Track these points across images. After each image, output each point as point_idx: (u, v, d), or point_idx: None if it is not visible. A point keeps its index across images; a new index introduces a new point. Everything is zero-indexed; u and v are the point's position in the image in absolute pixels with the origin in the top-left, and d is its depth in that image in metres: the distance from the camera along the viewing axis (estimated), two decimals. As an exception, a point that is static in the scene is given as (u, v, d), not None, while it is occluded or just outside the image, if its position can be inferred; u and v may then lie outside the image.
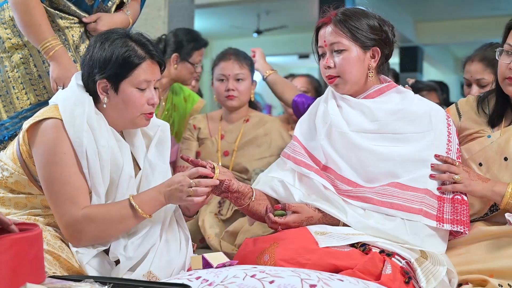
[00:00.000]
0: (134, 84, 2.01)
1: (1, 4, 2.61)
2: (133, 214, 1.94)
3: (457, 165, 2.09)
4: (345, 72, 2.18)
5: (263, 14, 12.57)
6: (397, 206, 2.02)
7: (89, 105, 2.00)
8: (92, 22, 2.62)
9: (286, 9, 11.98)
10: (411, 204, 2.02)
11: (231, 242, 2.72)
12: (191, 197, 1.94)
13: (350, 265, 1.82)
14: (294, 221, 2.08)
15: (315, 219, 2.09)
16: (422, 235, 2.01)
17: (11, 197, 2.04)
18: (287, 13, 12.39)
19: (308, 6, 11.59)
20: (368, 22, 2.19)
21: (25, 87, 2.57)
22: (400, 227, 2.00)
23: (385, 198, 2.04)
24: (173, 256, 2.00)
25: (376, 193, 2.06)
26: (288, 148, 2.33)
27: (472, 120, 2.30)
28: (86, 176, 1.96)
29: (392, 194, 2.05)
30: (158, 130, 2.18)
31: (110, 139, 2.02)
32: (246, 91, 3.13)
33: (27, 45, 2.56)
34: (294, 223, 2.08)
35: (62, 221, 1.93)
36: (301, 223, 2.08)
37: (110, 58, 1.99)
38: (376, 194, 2.06)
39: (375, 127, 2.17)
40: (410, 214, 2.01)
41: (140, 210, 1.93)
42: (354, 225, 2.02)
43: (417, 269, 1.84)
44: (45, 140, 1.95)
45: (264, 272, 1.66)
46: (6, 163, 2.06)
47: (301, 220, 2.08)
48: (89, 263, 1.94)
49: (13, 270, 1.48)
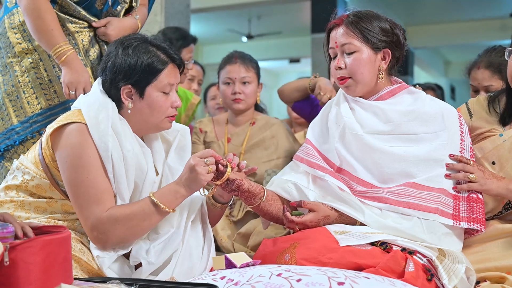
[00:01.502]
0: (159, 88, 2.04)
1: (11, 9, 2.61)
2: (155, 210, 1.96)
3: (471, 164, 2.11)
4: (356, 73, 2.20)
5: (254, 19, 12.63)
6: (413, 206, 2.04)
7: (113, 110, 2.02)
8: (102, 26, 2.63)
9: (277, 13, 12.03)
10: (428, 203, 2.04)
11: (244, 244, 2.73)
12: (211, 172, 1.95)
13: (372, 263, 1.83)
14: (311, 220, 2.08)
15: (332, 218, 2.10)
16: (438, 234, 2.02)
17: (31, 201, 2.05)
18: (278, 18, 12.46)
19: (300, 11, 11.65)
20: (380, 24, 2.21)
21: (36, 91, 2.57)
22: (417, 226, 2.02)
23: (401, 198, 2.06)
24: (195, 262, 2.01)
25: (392, 193, 2.08)
26: (301, 151, 2.33)
27: (483, 119, 2.33)
28: (111, 180, 1.97)
29: (408, 194, 2.06)
30: (177, 135, 2.20)
31: (134, 144, 2.04)
32: (252, 94, 3.15)
33: (37, 50, 2.56)
34: (311, 222, 2.08)
35: (88, 223, 1.94)
36: (318, 222, 2.09)
37: (134, 64, 2.01)
38: (392, 194, 2.08)
39: (389, 128, 2.18)
40: (426, 213, 2.03)
41: (162, 205, 1.95)
42: (371, 225, 2.04)
43: (439, 266, 1.86)
44: (69, 143, 1.96)
45: (290, 271, 1.68)
46: (28, 167, 2.06)
47: (318, 219, 2.09)
48: (109, 267, 1.95)
49: (44, 271, 1.49)
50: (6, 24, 2.60)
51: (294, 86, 3.11)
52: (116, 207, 1.97)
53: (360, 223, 2.08)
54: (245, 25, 12.88)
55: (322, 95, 2.83)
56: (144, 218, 1.95)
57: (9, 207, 2.05)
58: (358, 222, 2.08)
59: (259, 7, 11.18)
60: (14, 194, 2.07)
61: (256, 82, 3.17)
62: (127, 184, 2.00)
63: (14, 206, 2.05)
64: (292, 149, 3.11)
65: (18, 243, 1.47)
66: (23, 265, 1.45)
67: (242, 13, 12.03)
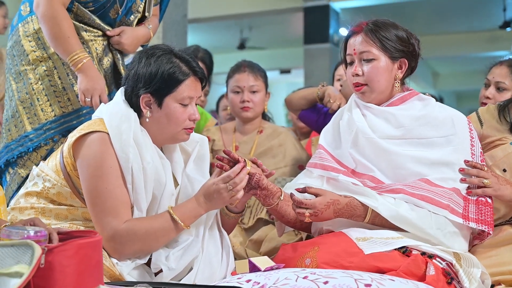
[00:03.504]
0: (177, 99, 2.05)
1: (25, 17, 2.64)
2: (174, 227, 1.99)
3: (486, 170, 2.15)
4: (373, 80, 2.24)
5: (246, 30, 12.69)
6: (427, 199, 2.06)
7: (135, 121, 2.03)
8: (116, 35, 2.66)
9: (269, 24, 12.09)
10: (440, 198, 2.07)
11: (256, 250, 2.75)
12: (234, 196, 1.99)
13: (392, 266, 1.86)
14: (320, 203, 2.06)
15: (342, 204, 2.08)
16: (445, 231, 2.05)
17: (52, 208, 2.06)
18: (270, 29, 12.52)
19: (291, 23, 11.71)
20: (397, 34, 2.25)
21: (50, 99, 2.59)
22: (426, 218, 2.04)
23: (416, 190, 2.08)
24: (215, 269, 2.04)
25: (407, 185, 2.11)
26: (314, 158, 2.37)
27: (493, 127, 2.38)
28: (129, 191, 1.99)
29: (423, 187, 2.09)
30: (197, 145, 2.22)
31: (154, 156, 2.05)
32: (260, 102, 3.18)
33: (51, 58, 2.59)
34: (320, 205, 2.06)
35: (104, 234, 1.94)
36: (328, 207, 2.07)
37: (155, 73, 2.02)
38: (407, 186, 2.10)
39: (400, 133, 2.22)
40: (438, 208, 2.05)
41: (182, 223, 1.98)
42: (383, 212, 2.04)
43: (459, 270, 1.91)
44: (91, 153, 1.97)
45: (316, 274, 1.71)
46: (48, 174, 2.07)
47: (327, 202, 2.07)
48: (129, 273, 1.97)
49: (79, 274, 1.52)
50: (20, 32, 2.63)
51: (301, 95, 3.15)
52: (135, 220, 1.98)
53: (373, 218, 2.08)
54: (236, 36, 12.95)
55: (332, 103, 2.87)
56: (163, 234, 1.98)
57: (30, 214, 2.06)
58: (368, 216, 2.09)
59: (251, 18, 11.24)
60: (34, 200, 2.09)
61: (264, 91, 3.21)
62: (145, 195, 2.01)
63: (35, 212, 2.07)
64: (299, 157, 3.14)
65: (55, 246, 1.50)
66: (59, 267, 1.48)
67: (234, 24, 12.09)
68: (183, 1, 5.72)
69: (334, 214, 2.09)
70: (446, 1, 10.40)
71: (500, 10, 10.76)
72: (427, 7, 10.84)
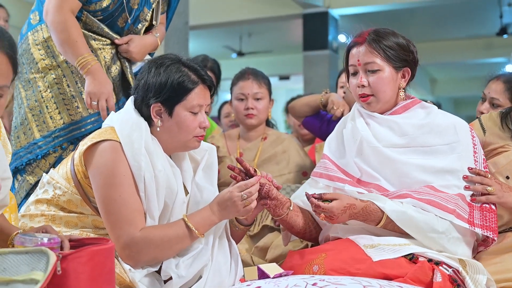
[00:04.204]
0: (187, 108, 2.07)
1: (35, 26, 2.67)
2: (188, 235, 2.00)
3: (489, 178, 2.18)
4: (379, 91, 2.26)
5: (245, 36, 12.73)
6: (434, 203, 2.07)
7: (146, 130, 2.05)
8: (124, 43, 2.68)
9: (268, 31, 12.14)
10: (447, 203, 2.09)
11: (262, 257, 2.76)
12: (248, 206, 2.01)
13: (399, 273, 1.88)
14: (337, 208, 2.06)
15: (358, 208, 2.08)
16: (449, 236, 2.07)
17: (62, 216, 2.07)
18: (269, 36, 12.56)
19: (290, 29, 11.76)
20: (398, 42, 2.27)
21: (59, 106, 2.61)
22: (432, 221, 2.06)
23: (423, 195, 2.10)
24: (224, 277, 2.05)
25: (413, 191, 2.13)
26: (318, 168, 2.38)
27: (496, 135, 2.40)
28: (142, 199, 2.00)
29: (429, 193, 2.11)
30: (205, 154, 2.24)
31: (165, 164, 2.07)
32: (264, 109, 3.21)
33: (60, 66, 2.62)
34: (338, 210, 2.06)
35: (120, 242, 1.96)
36: (345, 211, 2.07)
37: (165, 83, 2.05)
38: (413, 192, 2.12)
39: (405, 141, 2.24)
40: (444, 212, 2.07)
41: (196, 231, 2.00)
42: (391, 214, 2.06)
43: (466, 277, 1.93)
44: (103, 161, 1.98)
45: (325, 281, 1.72)
46: (59, 182, 2.09)
47: (344, 207, 2.07)
48: (140, 281, 1.98)
49: (93, 280, 1.54)
50: (30, 40, 2.65)
51: (305, 101, 3.18)
52: (150, 228, 2.00)
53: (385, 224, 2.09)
54: (236, 42, 12.99)
55: (336, 110, 2.89)
56: (177, 242, 2.00)
57: (40, 221, 2.08)
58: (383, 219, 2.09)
59: (250, 24, 11.27)
60: (45, 208, 2.10)
61: (268, 98, 3.23)
62: (158, 203, 2.03)
63: (45, 219, 2.08)
64: (303, 163, 3.17)
65: (69, 252, 1.52)
66: (73, 274, 1.49)
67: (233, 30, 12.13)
68: (184, 8, 5.76)
69: (349, 217, 2.10)
70: (443, 8, 10.46)
71: (497, 17, 10.83)
72: (425, 13, 10.89)
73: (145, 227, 1.99)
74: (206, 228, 2.03)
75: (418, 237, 2.06)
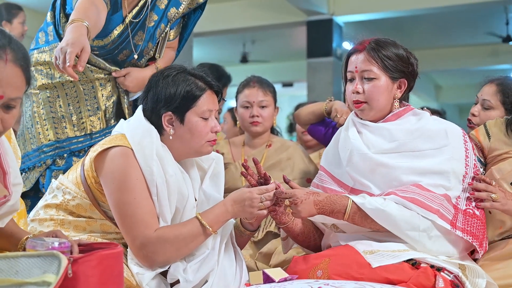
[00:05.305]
0: (198, 113, 2.12)
1: (41, 46, 2.74)
2: (202, 232, 2.05)
3: (493, 185, 2.20)
4: (373, 99, 2.29)
5: (249, 44, 12.78)
6: (417, 202, 2.09)
7: (156, 137, 2.10)
8: (122, 76, 2.72)
9: (272, 38, 12.18)
10: (431, 203, 2.10)
11: (265, 263, 2.79)
12: (261, 210, 2.06)
13: (402, 278, 1.92)
14: (300, 192, 2.13)
15: (322, 196, 2.14)
16: (431, 234, 2.09)
17: (71, 220, 2.11)
18: (273, 43, 12.60)
19: (294, 37, 11.79)
20: (398, 53, 2.31)
21: (47, 123, 2.69)
22: (413, 220, 2.07)
23: (407, 194, 2.12)
24: (229, 282, 2.09)
25: (399, 190, 2.15)
26: (316, 179, 2.45)
27: (501, 141, 2.42)
28: (155, 203, 2.05)
29: (414, 191, 2.13)
30: (212, 163, 2.29)
31: (176, 170, 2.12)
32: (269, 117, 3.24)
33: (57, 87, 2.68)
34: (300, 193, 2.12)
35: (136, 243, 2.00)
36: (308, 196, 2.12)
37: (174, 92, 2.10)
38: (399, 190, 2.15)
39: (394, 146, 2.25)
40: (427, 212, 2.08)
41: (210, 228, 2.04)
42: (367, 206, 2.08)
43: (466, 282, 1.96)
44: (115, 166, 2.03)
45: (329, 285, 1.76)
46: (68, 187, 2.13)
47: (306, 192, 2.13)
48: (147, 284, 2.02)
49: (102, 284, 1.57)
50: (34, 58, 2.71)
51: (310, 109, 3.21)
52: (165, 228, 2.04)
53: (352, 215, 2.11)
54: (239, 49, 13.04)
55: (339, 117, 2.93)
56: (192, 240, 2.04)
57: (49, 225, 2.12)
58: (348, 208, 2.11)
59: (254, 32, 11.32)
60: (54, 212, 2.14)
61: (273, 105, 3.27)
62: (170, 207, 2.07)
63: (54, 224, 2.12)
64: (307, 170, 3.20)
65: (79, 256, 1.55)
66: (84, 278, 1.53)
67: (236, 38, 12.18)
68: (189, 17, 5.79)
69: (315, 207, 2.13)
70: (449, 15, 10.47)
71: (503, 24, 10.85)
72: (430, 20, 10.91)
73: (159, 228, 2.03)
74: (219, 225, 2.08)
75: (398, 234, 2.08)
